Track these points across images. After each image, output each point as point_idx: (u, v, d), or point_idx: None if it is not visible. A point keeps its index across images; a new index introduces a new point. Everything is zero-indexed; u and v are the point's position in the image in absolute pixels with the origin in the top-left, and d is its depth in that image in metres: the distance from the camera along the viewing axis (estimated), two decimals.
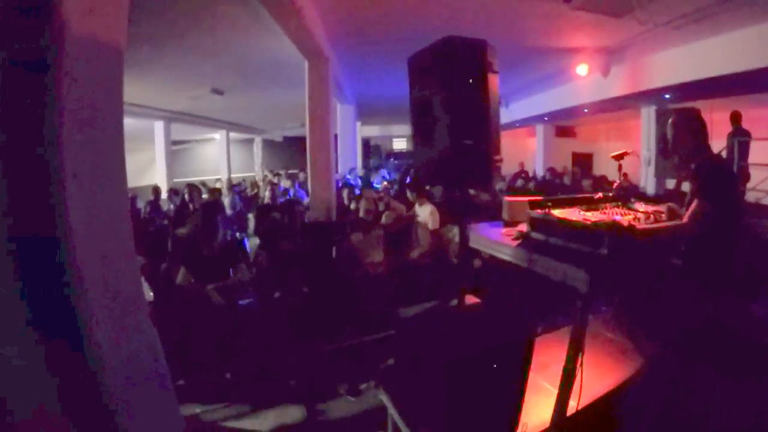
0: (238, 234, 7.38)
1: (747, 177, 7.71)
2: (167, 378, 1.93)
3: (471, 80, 2.21)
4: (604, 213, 2.90)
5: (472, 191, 7.55)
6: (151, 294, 4.74)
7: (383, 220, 5.85)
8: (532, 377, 2.66)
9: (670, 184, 10.68)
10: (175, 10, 5.68)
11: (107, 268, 1.65)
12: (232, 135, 20.61)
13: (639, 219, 2.73)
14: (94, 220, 1.61)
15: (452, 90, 2.18)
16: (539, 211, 2.77)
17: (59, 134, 1.48)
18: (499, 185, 9.34)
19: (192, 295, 4.46)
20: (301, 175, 13.61)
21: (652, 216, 2.87)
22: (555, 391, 2.58)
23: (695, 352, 2.89)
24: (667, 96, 9.31)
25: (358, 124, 17.58)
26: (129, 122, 12.60)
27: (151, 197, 10.56)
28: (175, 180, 15.19)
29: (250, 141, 24.11)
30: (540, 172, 14.80)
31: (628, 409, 3.06)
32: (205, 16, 6.05)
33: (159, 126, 14.77)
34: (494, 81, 2.33)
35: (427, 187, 6.54)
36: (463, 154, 2.19)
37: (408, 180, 8.91)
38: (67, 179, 1.49)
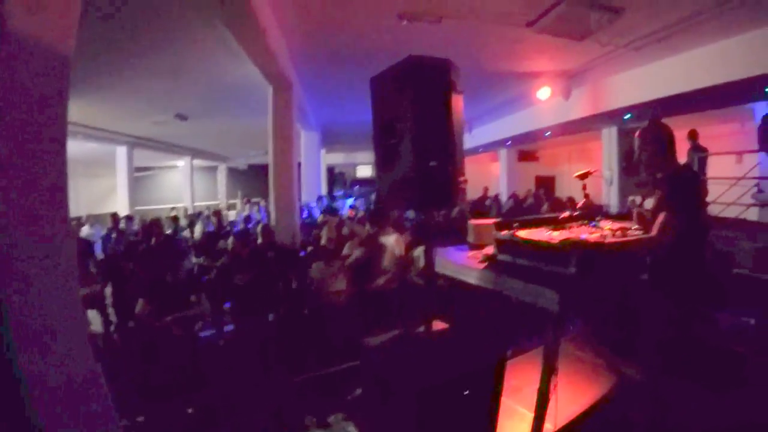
0: (202, 259, 7.19)
1: (706, 191, 7.98)
2: (109, 410, 1.81)
3: (435, 100, 2.18)
4: (571, 232, 2.90)
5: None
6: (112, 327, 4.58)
7: (345, 250, 5.73)
8: (505, 401, 2.60)
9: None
10: (139, 32, 5.59)
11: (35, 292, 1.55)
12: (196, 162, 20.30)
13: (605, 236, 2.73)
14: (25, 242, 1.50)
15: (416, 110, 2.13)
16: (505, 232, 2.75)
17: None
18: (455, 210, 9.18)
19: (152, 327, 4.31)
20: (263, 203, 13.52)
21: (618, 232, 2.88)
22: (529, 415, 2.54)
23: (669, 365, 2.88)
24: (628, 116, 9.58)
25: (323, 151, 17.55)
26: (91, 147, 12.46)
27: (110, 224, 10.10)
28: (137, 208, 14.82)
29: (214, 168, 23.84)
30: (504, 197, 14.97)
31: (606, 426, 3.02)
32: (169, 40, 5.96)
33: (122, 151, 14.41)
34: (458, 101, 2.30)
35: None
36: (427, 176, 2.14)
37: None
38: None
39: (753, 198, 7.94)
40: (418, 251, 4.85)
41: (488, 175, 20.67)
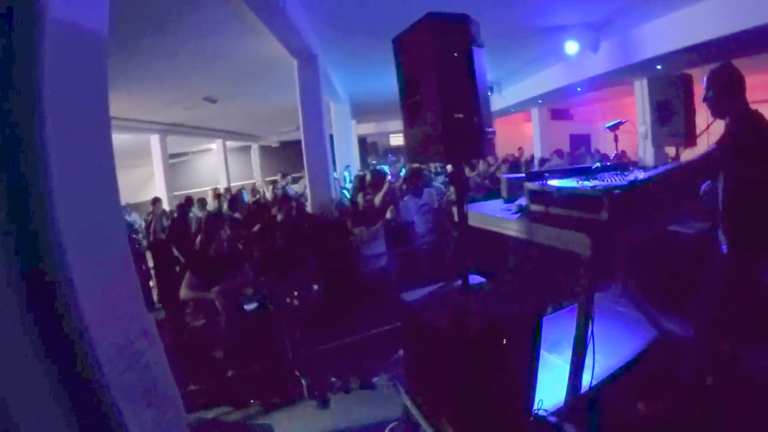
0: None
1: None
2: (164, 363, 1.94)
3: (456, 54, 2.19)
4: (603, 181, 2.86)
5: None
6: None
7: (388, 214, 5.80)
8: (544, 355, 2.63)
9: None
10: (159, 16, 5.64)
11: (96, 256, 1.64)
12: (229, 143, 20.56)
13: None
14: (81, 209, 1.59)
15: (438, 65, 2.15)
16: (536, 182, 2.74)
17: (41, 131, 1.45)
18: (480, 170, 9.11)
19: (198, 301, 4.48)
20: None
21: None
22: (568, 368, 2.54)
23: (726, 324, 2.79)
24: (659, 66, 9.23)
25: (353, 122, 17.47)
26: (124, 138, 12.68)
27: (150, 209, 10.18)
28: (174, 193, 15.16)
29: (247, 148, 24.12)
30: (538, 156, 14.62)
31: (648, 383, 2.98)
32: (189, 22, 6.02)
33: (155, 139, 14.68)
34: (480, 54, 2.30)
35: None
36: (454, 128, 2.16)
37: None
38: (52, 174, 1.46)
39: None
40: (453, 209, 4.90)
41: (522, 135, 20.31)
